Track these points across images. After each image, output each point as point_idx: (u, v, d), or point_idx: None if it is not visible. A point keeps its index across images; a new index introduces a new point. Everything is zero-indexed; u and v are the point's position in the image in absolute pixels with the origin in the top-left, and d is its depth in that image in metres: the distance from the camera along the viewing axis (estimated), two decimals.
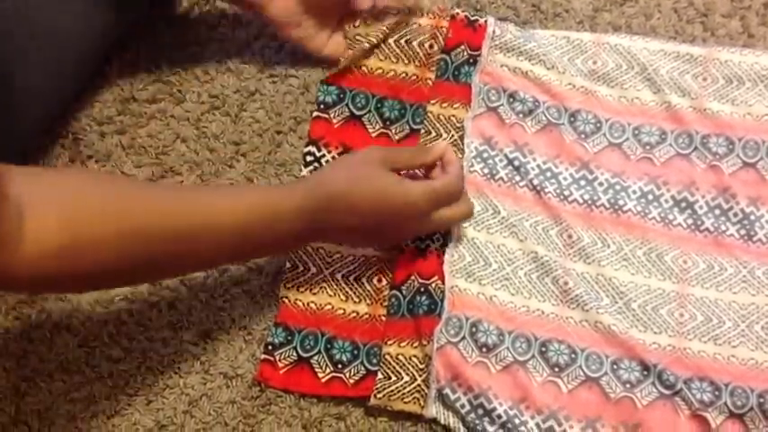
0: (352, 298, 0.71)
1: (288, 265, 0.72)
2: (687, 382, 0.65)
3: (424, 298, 0.68)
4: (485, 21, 0.78)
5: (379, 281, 0.71)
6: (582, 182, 0.72)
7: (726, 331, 0.67)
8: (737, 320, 0.67)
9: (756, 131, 0.72)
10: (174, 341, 0.70)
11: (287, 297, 0.71)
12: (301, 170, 0.75)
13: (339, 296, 0.71)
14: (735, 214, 0.70)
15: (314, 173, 0.72)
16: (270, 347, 0.69)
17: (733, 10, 0.78)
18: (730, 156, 0.72)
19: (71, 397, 0.69)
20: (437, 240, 0.71)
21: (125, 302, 0.72)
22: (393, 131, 0.75)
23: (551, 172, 0.73)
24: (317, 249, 0.72)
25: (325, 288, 0.71)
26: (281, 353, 0.69)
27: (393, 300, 0.69)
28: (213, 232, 0.58)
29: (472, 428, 0.66)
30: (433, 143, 0.70)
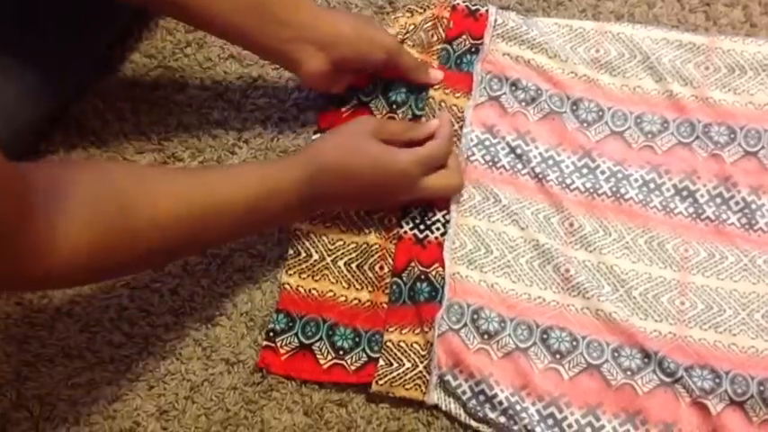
0: (354, 285, 0.71)
1: (290, 252, 0.72)
2: (688, 370, 0.65)
3: (425, 285, 0.69)
4: (486, 10, 0.78)
5: (380, 268, 0.71)
6: (584, 170, 0.72)
7: (726, 319, 0.67)
8: (738, 309, 0.68)
9: (758, 120, 0.72)
10: (176, 327, 0.71)
11: (288, 284, 0.71)
12: None
13: (341, 283, 0.71)
14: (736, 203, 0.71)
15: (308, 145, 0.72)
16: (271, 334, 0.70)
17: None
18: (732, 145, 0.72)
19: (72, 382, 0.69)
20: (437, 230, 0.71)
21: (126, 288, 0.72)
22: (399, 116, 0.74)
23: (553, 160, 0.73)
24: (320, 236, 0.72)
25: (327, 275, 0.71)
26: (283, 339, 0.69)
27: (394, 287, 0.70)
28: (227, 210, 0.60)
29: (473, 415, 0.66)
30: (427, 122, 0.72)
